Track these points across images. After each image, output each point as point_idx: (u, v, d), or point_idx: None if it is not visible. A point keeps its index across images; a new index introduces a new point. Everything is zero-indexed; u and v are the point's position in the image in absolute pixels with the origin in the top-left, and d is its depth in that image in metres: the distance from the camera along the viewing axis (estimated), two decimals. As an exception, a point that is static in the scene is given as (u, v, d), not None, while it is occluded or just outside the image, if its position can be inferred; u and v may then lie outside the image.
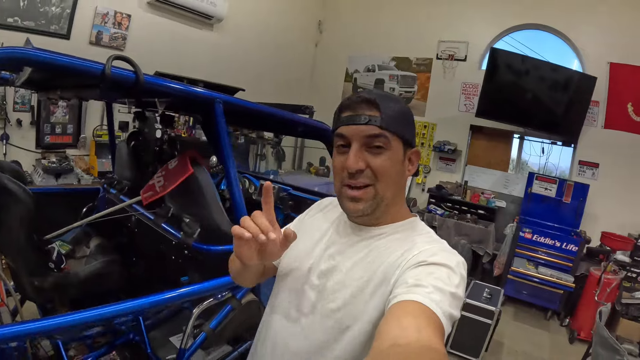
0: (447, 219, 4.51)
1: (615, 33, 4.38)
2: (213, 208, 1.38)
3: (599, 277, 3.60)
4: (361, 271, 0.75)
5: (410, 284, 0.64)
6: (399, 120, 0.75)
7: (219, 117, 1.26)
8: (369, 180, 0.75)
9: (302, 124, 1.61)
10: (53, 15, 3.45)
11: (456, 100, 5.25)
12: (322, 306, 0.77)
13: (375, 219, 0.80)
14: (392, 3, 5.72)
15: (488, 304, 2.90)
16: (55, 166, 3.42)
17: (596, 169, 4.57)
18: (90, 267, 1.87)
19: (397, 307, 0.61)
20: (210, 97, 1.29)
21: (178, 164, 1.47)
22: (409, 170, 0.79)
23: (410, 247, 0.74)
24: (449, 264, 0.68)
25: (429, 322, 0.57)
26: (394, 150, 0.75)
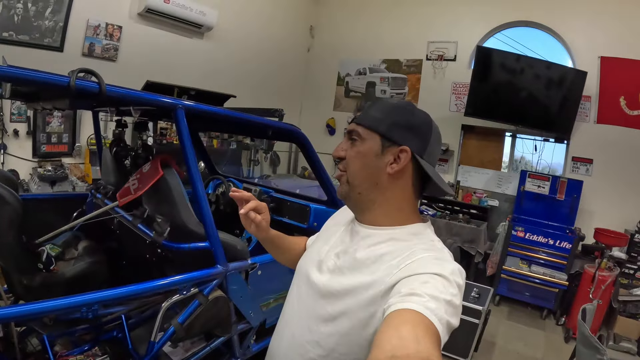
0: (439, 219, 4.52)
1: (605, 26, 4.38)
2: (181, 208, 1.44)
3: (593, 275, 3.58)
4: (359, 273, 0.78)
5: (404, 293, 0.65)
6: (378, 117, 0.80)
7: (180, 122, 1.32)
8: (343, 167, 0.84)
9: (271, 127, 1.66)
10: (46, 29, 3.55)
11: (447, 101, 5.28)
12: (321, 297, 0.82)
13: (359, 210, 0.86)
14: (381, 6, 5.79)
15: (476, 303, 2.90)
16: (50, 174, 3.53)
17: (590, 164, 4.56)
18: (76, 268, 1.97)
19: (394, 316, 0.61)
20: (171, 103, 1.35)
21: (150, 167, 1.53)
22: (391, 167, 0.80)
23: (407, 255, 0.74)
24: (444, 273, 0.68)
25: (427, 332, 0.58)
26: (364, 144, 0.81)
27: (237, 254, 1.49)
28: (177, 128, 1.33)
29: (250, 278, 1.54)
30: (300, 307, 0.88)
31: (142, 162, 1.63)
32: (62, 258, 2.15)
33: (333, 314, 0.79)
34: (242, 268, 1.49)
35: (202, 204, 1.33)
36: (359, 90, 6.05)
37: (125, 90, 1.26)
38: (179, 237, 1.49)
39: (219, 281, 1.43)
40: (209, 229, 1.36)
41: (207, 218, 1.35)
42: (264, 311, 1.71)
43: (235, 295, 1.51)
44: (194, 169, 1.33)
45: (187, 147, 1.32)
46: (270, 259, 1.64)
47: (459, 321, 0.66)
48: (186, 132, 1.32)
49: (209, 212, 1.35)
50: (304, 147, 1.80)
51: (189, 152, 1.32)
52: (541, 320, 4.03)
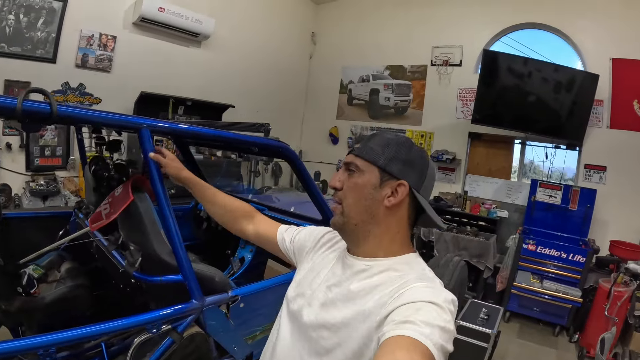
0: (445, 232, 4.33)
1: (616, 26, 4.19)
2: (153, 236, 1.30)
3: (608, 290, 3.37)
4: (353, 304, 0.79)
5: (398, 321, 0.66)
6: (377, 150, 0.83)
7: (145, 143, 1.19)
8: (339, 199, 0.86)
9: (256, 144, 1.52)
10: (39, 40, 3.49)
11: (453, 107, 5.11)
12: (314, 331, 0.83)
13: (354, 241, 0.87)
14: (384, 11, 5.66)
15: (484, 326, 2.70)
16: (42, 189, 3.46)
17: (603, 172, 4.34)
18: (56, 292, 1.87)
19: (389, 343, 0.62)
20: (135, 123, 1.22)
21: (122, 190, 1.40)
22: (388, 201, 0.81)
23: (400, 285, 0.75)
24: (436, 301, 0.69)
25: (422, 356, 0.59)
26: (362, 176, 0.83)
27: (216, 287, 1.34)
28: (141, 149, 1.20)
29: (232, 311, 1.39)
30: (293, 340, 0.88)
31: (115, 184, 1.51)
32: (45, 280, 2.07)
33: (327, 347, 0.80)
34: (221, 302, 1.34)
35: (172, 233, 1.20)
36: (362, 98, 5.91)
37: (80, 111, 1.13)
38: (152, 267, 1.35)
39: (194, 317, 1.29)
40: (181, 261, 1.22)
41: (178, 248, 1.21)
42: (250, 344, 1.56)
43: (215, 331, 1.36)
44: (161, 193, 1.20)
45: (152, 170, 1.18)
46: (256, 289, 1.50)
47: (453, 347, 0.67)
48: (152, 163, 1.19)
49: (179, 242, 1.21)
50: (293, 164, 1.66)
51: (154, 175, 1.19)
52: (553, 338, 3.81)
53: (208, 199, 1.24)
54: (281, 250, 1.13)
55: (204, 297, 1.29)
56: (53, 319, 1.79)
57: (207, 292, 1.33)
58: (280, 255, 1.15)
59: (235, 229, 1.23)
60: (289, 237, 1.11)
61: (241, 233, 1.22)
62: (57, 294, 1.86)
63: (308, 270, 0.97)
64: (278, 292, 1.57)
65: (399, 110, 5.57)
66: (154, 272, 1.35)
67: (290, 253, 1.10)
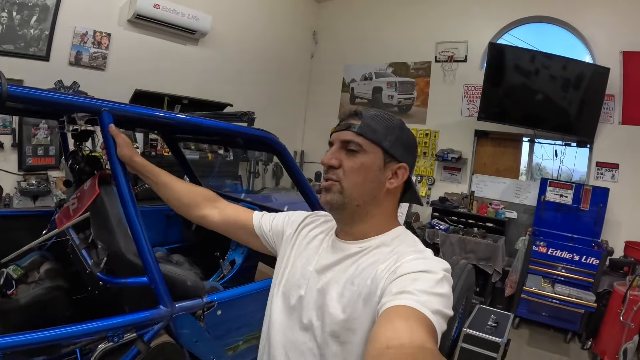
0: (451, 234, 4.15)
1: (626, 18, 4.01)
2: (119, 234, 1.18)
3: (624, 294, 3.18)
4: (352, 287, 0.78)
5: (395, 292, 0.66)
6: (380, 131, 0.81)
7: (105, 128, 1.07)
8: (336, 177, 0.82)
9: (238, 134, 1.39)
10: (32, 38, 3.42)
11: (458, 104, 4.95)
12: (320, 323, 0.81)
13: (351, 222, 0.85)
14: (386, 7, 5.53)
15: (493, 334, 2.53)
16: (33, 188, 3.38)
17: (616, 170, 4.14)
18: (31, 294, 1.78)
19: (387, 312, 0.63)
20: (94, 105, 1.10)
21: (90, 184, 1.28)
22: (390, 182, 0.83)
23: (394, 259, 0.76)
24: (431, 269, 0.70)
25: (421, 324, 0.60)
26: (367, 157, 0.81)
27: (189, 291, 1.21)
28: (102, 136, 1.07)
29: (208, 319, 1.26)
30: (297, 335, 0.85)
31: (86, 178, 1.39)
32: (25, 281, 1.99)
33: (339, 333, 0.78)
34: (194, 308, 1.21)
35: (135, 227, 1.07)
36: (364, 97, 5.78)
37: (32, 91, 1.01)
38: (119, 268, 1.22)
39: (163, 324, 1.16)
40: (147, 261, 1.09)
41: (143, 246, 1.08)
42: (232, 355, 1.42)
43: (188, 341, 1.23)
44: (124, 185, 1.07)
45: (114, 161, 1.06)
46: (235, 295, 1.37)
47: (452, 311, 0.68)
48: (111, 142, 1.06)
49: (144, 238, 1.08)
50: (281, 155, 1.53)
51: (116, 166, 1.07)
52: (565, 345, 3.63)
53: (164, 183, 1.14)
54: (257, 237, 1.06)
55: (173, 302, 1.15)
56: (29, 321, 1.68)
57: (180, 297, 1.20)
58: (252, 242, 1.09)
59: (196, 215, 1.12)
60: (267, 223, 1.06)
61: (204, 219, 1.12)
62: (32, 296, 1.76)
63: (295, 258, 0.94)
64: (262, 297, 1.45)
65: (403, 108, 5.42)
66: (122, 273, 1.23)
67: (269, 239, 1.05)
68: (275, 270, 0.99)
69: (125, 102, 1.18)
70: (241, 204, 2.26)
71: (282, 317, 0.89)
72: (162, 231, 2.49)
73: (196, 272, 2.15)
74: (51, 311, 1.79)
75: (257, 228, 1.06)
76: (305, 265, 0.90)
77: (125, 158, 1.11)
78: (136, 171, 1.14)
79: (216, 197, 1.16)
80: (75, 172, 1.47)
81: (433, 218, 4.63)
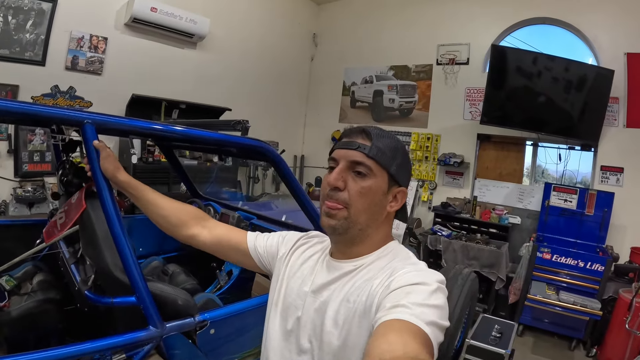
0: (454, 240, 4.07)
1: (630, 19, 3.94)
2: (106, 251, 1.12)
3: (630, 302, 3.11)
4: (348, 304, 0.78)
5: (389, 306, 0.66)
6: (388, 155, 0.80)
7: (89, 141, 1.01)
8: (343, 202, 0.80)
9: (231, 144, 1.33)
10: (27, 42, 3.38)
11: (460, 108, 4.89)
12: (318, 344, 0.80)
13: (350, 243, 0.84)
14: (387, 10, 5.48)
15: (497, 345, 2.46)
16: (29, 195, 3.33)
17: (621, 174, 4.07)
18: (23, 306, 1.75)
19: (381, 327, 0.63)
20: (76, 117, 1.04)
21: (77, 197, 1.23)
22: (390, 206, 0.84)
23: (388, 274, 0.76)
24: (425, 281, 0.71)
25: (414, 336, 0.60)
26: (375, 180, 0.80)
27: (180, 310, 1.15)
28: (85, 149, 1.02)
29: (201, 338, 1.20)
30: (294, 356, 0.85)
31: (74, 191, 1.33)
32: (17, 292, 1.95)
33: (336, 351, 0.78)
34: (186, 328, 1.15)
35: (120, 242, 1.02)
36: (365, 100, 5.72)
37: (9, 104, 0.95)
38: (108, 286, 1.17)
39: (152, 346, 1.10)
40: (135, 280, 1.03)
41: (130, 263, 1.02)
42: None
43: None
44: (108, 201, 1.01)
45: (97, 176, 1.01)
46: (229, 313, 1.31)
47: (448, 322, 0.68)
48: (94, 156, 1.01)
49: (131, 255, 1.02)
50: (276, 165, 1.47)
51: (100, 181, 1.01)
52: (569, 352, 3.56)
53: (150, 201, 1.08)
54: (251, 258, 1.04)
55: (163, 322, 1.10)
56: (22, 334, 1.68)
57: (170, 315, 1.15)
58: (243, 262, 1.07)
59: (184, 235, 1.08)
60: (261, 244, 1.04)
61: (192, 239, 1.08)
62: (24, 309, 1.73)
63: (289, 278, 0.93)
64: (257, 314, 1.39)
65: (404, 112, 5.36)
66: (110, 291, 1.17)
67: (264, 260, 1.03)
68: (271, 290, 0.98)
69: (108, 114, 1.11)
70: (238, 213, 2.22)
71: (279, 340, 0.89)
72: (158, 240, 2.44)
73: (192, 282, 2.10)
74: (43, 324, 1.77)
75: (252, 250, 1.04)
76: (300, 286, 0.89)
77: (108, 173, 1.06)
78: (119, 187, 1.09)
79: (205, 216, 1.12)
80: (64, 184, 1.42)
81: (435, 224, 4.55)
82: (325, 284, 0.85)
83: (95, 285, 1.20)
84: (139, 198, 1.08)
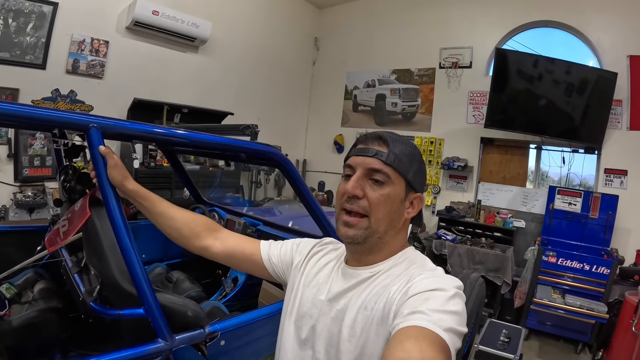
0: (459, 245, 4.04)
1: (633, 22, 3.94)
2: (112, 261, 1.08)
3: (636, 305, 3.08)
4: (365, 311, 0.77)
5: (406, 313, 0.66)
6: (405, 162, 0.80)
7: (94, 146, 0.98)
8: (362, 210, 0.79)
9: (240, 149, 1.30)
10: (28, 45, 3.35)
11: (464, 112, 4.87)
12: (335, 353, 0.79)
13: (368, 252, 0.83)
14: (388, 13, 5.47)
15: (505, 350, 2.43)
16: (29, 200, 3.29)
17: (624, 176, 4.04)
18: (24, 315, 1.71)
19: (398, 334, 0.62)
20: (81, 121, 1.00)
21: (80, 204, 1.19)
22: (407, 213, 0.83)
23: (405, 280, 0.75)
24: (443, 287, 0.70)
25: (432, 343, 0.59)
26: (393, 188, 0.79)
27: (189, 321, 1.11)
28: (91, 156, 0.98)
29: (211, 350, 1.16)
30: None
31: (77, 197, 1.30)
32: (18, 301, 1.91)
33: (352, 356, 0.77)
34: (196, 340, 1.11)
35: (130, 259, 0.98)
36: (368, 104, 5.70)
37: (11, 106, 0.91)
38: (114, 297, 1.13)
39: (162, 359, 1.06)
40: (143, 291, 0.99)
41: (139, 274, 0.98)
42: (237, 384, 1.32)
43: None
44: (115, 209, 0.98)
45: (104, 183, 0.97)
46: (240, 323, 1.27)
47: (466, 328, 0.67)
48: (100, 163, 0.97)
49: (140, 268, 0.98)
50: (285, 171, 1.44)
51: (106, 189, 0.97)
52: (575, 356, 3.53)
53: (161, 212, 1.04)
54: (265, 268, 1.03)
55: (173, 335, 1.06)
56: (24, 343, 1.65)
57: (179, 327, 1.11)
58: (256, 272, 1.05)
59: (196, 246, 1.05)
60: (275, 254, 1.03)
61: (204, 250, 1.05)
62: (25, 319, 1.69)
63: (304, 287, 0.92)
64: (268, 323, 1.35)
65: (407, 115, 5.34)
66: (116, 302, 1.13)
67: (278, 270, 1.01)
68: (286, 299, 0.96)
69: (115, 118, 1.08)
70: (244, 219, 2.18)
71: (294, 350, 0.87)
72: (162, 246, 2.40)
73: (197, 289, 2.06)
74: (46, 334, 1.73)
75: (266, 260, 1.02)
76: (316, 295, 0.88)
77: (116, 182, 1.02)
78: (127, 197, 1.04)
79: (217, 227, 1.09)
80: (66, 190, 1.38)
81: (439, 228, 4.52)
82: (341, 292, 0.84)
83: (100, 296, 1.16)
84: (148, 209, 1.04)
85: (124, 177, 1.01)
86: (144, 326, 1.08)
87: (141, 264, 0.99)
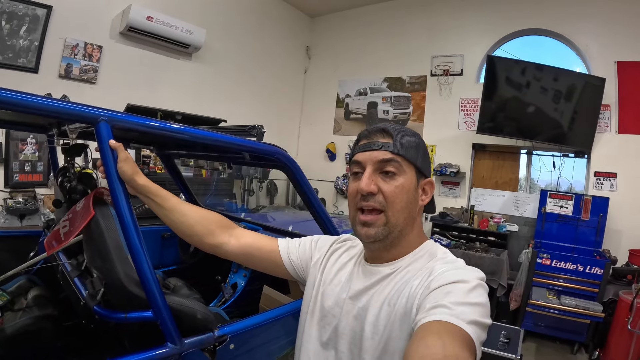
0: (454, 249, 4.07)
1: (619, 28, 4.06)
2: (117, 262, 1.05)
3: (630, 303, 3.13)
4: (388, 308, 0.76)
5: (428, 307, 0.65)
6: (412, 149, 0.79)
7: (103, 141, 0.96)
8: (379, 205, 0.78)
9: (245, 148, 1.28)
10: (21, 49, 3.31)
11: (455, 118, 4.94)
12: (358, 351, 0.78)
13: (389, 247, 0.81)
14: (380, 22, 5.54)
15: (506, 350, 2.45)
16: (19, 206, 3.22)
17: (614, 179, 4.14)
18: (17, 324, 1.65)
19: (420, 329, 0.61)
20: (89, 114, 0.99)
21: (83, 204, 1.16)
22: (422, 200, 0.83)
23: (427, 274, 0.74)
24: (465, 278, 0.68)
25: (454, 338, 0.58)
26: (406, 177, 0.79)
27: (199, 324, 1.09)
28: (99, 150, 0.96)
29: (221, 354, 1.13)
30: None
31: (78, 198, 1.26)
32: (11, 308, 1.84)
33: (376, 356, 0.76)
34: (205, 344, 1.08)
35: (138, 254, 0.95)
36: (359, 112, 5.73)
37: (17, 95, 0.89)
38: (119, 300, 1.10)
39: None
40: (152, 293, 0.97)
41: (148, 276, 0.95)
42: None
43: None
44: (124, 207, 0.95)
45: (113, 179, 0.94)
46: (250, 326, 1.24)
47: (490, 320, 0.66)
48: (110, 157, 0.95)
49: (149, 269, 0.96)
50: (291, 173, 1.42)
51: (116, 185, 0.94)
52: (572, 356, 3.56)
53: (172, 208, 1.00)
54: (284, 266, 1.00)
55: (182, 339, 1.03)
56: (17, 352, 1.59)
57: (188, 330, 1.08)
58: (274, 270, 1.03)
59: (210, 244, 1.01)
60: (294, 251, 1.01)
61: (218, 248, 1.01)
62: (19, 327, 1.64)
63: (325, 285, 0.91)
64: (280, 325, 1.33)
65: (399, 123, 5.38)
66: (121, 306, 1.09)
67: (297, 268, 0.99)
68: (306, 298, 0.94)
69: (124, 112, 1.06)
70: (243, 224, 2.16)
71: (316, 350, 0.86)
72: (158, 253, 2.35)
73: (195, 296, 2.02)
74: (40, 342, 1.67)
75: (285, 258, 1.00)
76: (338, 294, 0.87)
77: (126, 176, 0.96)
78: (137, 192, 0.99)
79: (231, 224, 1.06)
80: (66, 191, 1.34)
81: (433, 234, 4.54)
82: (363, 289, 0.82)
83: (104, 300, 1.12)
84: (160, 205, 0.99)
85: (135, 171, 0.97)
86: (148, 331, 1.05)
87: (150, 264, 0.97)
